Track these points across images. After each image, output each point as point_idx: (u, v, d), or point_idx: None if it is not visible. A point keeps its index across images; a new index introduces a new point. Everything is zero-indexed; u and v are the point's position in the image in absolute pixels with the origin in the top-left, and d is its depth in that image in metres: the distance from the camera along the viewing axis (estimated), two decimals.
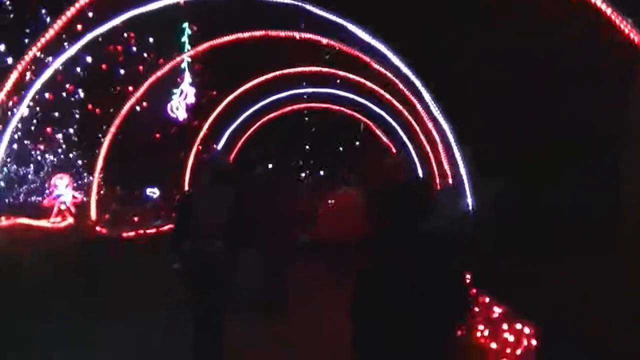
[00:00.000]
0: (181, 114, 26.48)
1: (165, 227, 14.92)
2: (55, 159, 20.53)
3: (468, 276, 6.50)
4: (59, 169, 19.92)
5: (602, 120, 10.72)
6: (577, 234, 8.65)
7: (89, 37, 13.62)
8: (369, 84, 19.45)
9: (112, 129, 15.63)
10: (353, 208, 13.57)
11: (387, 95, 19.13)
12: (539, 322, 6.48)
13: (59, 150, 20.59)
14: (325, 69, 21.32)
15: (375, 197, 12.78)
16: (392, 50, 13.94)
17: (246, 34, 15.87)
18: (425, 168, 20.08)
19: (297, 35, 15.60)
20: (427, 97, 14.73)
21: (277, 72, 20.76)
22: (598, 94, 11.50)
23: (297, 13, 14.34)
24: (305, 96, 26.63)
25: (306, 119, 36.58)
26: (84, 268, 11.65)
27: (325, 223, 14.01)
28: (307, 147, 39.32)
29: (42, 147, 20.43)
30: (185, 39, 26.50)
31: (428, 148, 18.87)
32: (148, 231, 15.06)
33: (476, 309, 6.99)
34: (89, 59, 20.15)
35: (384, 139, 25.46)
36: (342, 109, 25.69)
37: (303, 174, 37.22)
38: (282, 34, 15.79)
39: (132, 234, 14.84)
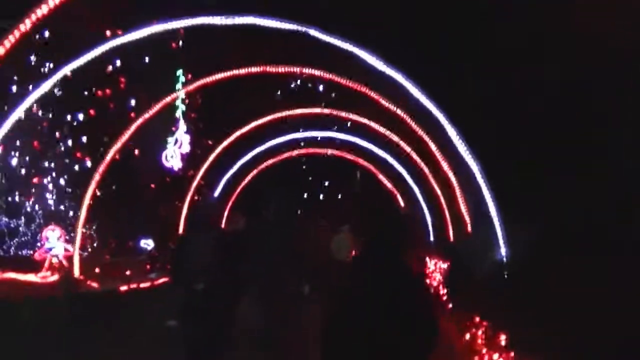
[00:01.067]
0: (176, 163, 25.89)
1: (160, 281, 14.26)
2: (46, 211, 19.89)
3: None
4: (50, 221, 19.29)
5: None
6: None
7: (64, 70, 12.88)
8: (374, 125, 18.72)
9: (97, 177, 14.87)
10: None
11: (393, 137, 18.43)
12: None
13: (50, 202, 19.96)
14: (325, 110, 20.61)
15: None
16: (411, 80, 13.09)
17: (243, 71, 15.12)
18: (435, 215, 19.39)
19: (297, 70, 14.86)
20: (451, 133, 13.62)
21: (274, 116, 20.04)
22: None
23: (298, 44, 13.66)
24: (302, 143, 26.17)
25: (304, 167, 36.10)
26: (72, 322, 10.96)
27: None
28: (305, 195, 38.72)
29: (32, 198, 19.83)
30: (179, 86, 26.12)
31: (439, 192, 18.18)
32: (141, 285, 14.40)
33: None
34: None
35: (388, 184, 24.89)
36: (342, 154, 25.15)
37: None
38: (282, 69, 15.07)
39: (124, 288, 14.16)
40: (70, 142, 20.04)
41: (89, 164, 19.74)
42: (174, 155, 25.98)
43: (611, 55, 12.98)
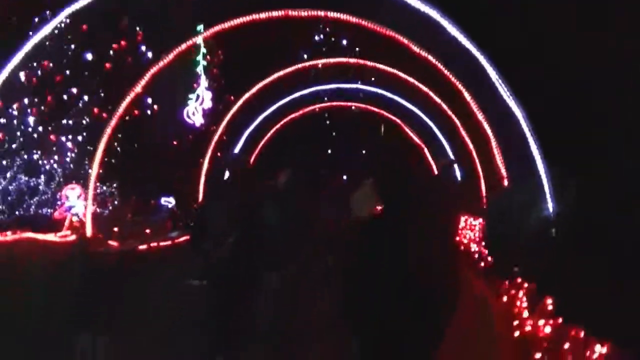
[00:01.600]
0: (198, 120, 25.46)
1: (182, 239, 13.82)
2: (65, 169, 19.50)
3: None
4: (70, 180, 18.92)
5: None
6: None
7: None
8: (402, 75, 17.80)
9: (108, 131, 14.30)
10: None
11: (422, 87, 17.55)
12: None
13: (69, 160, 19.55)
14: (350, 60, 19.69)
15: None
16: (447, 17, 12.03)
17: (263, 15, 14.16)
18: (466, 168, 18.52)
19: (321, 14, 13.98)
20: (492, 75, 12.40)
21: (296, 66, 19.23)
22: None
23: None
24: (325, 97, 25.51)
25: (327, 121, 35.44)
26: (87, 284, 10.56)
27: None
28: (330, 151, 38.10)
29: (53, 157, 19.43)
30: (200, 40, 25.55)
31: (471, 146, 17.32)
32: (162, 243, 13.98)
33: None
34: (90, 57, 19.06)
35: (415, 138, 24.02)
36: (367, 107, 24.35)
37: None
38: (304, 13, 14.12)
39: (144, 247, 13.76)
40: (86, 98, 19.50)
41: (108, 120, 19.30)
42: (195, 112, 25.62)
43: None
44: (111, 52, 20.19)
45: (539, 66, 15.38)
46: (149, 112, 22.79)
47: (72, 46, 18.92)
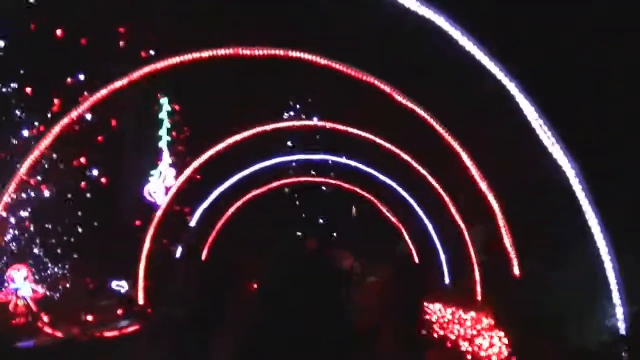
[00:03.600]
0: (160, 198, 24.08)
1: (131, 329, 12.30)
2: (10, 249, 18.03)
3: None
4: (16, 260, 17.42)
5: None
6: None
7: None
8: (381, 142, 15.84)
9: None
10: None
11: (402, 155, 15.60)
12: None
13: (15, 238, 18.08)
14: (319, 124, 17.68)
15: None
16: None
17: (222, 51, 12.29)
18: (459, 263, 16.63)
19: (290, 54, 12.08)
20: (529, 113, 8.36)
21: (257, 130, 17.23)
22: None
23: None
24: (291, 170, 24.30)
25: (297, 202, 34.20)
26: None
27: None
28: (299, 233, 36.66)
29: None
30: (164, 115, 24.52)
31: (462, 225, 15.56)
32: (107, 334, 12.40)
33: None
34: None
35: (392, 219, 22.37)
36: (338, 183, 22.84)
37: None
38: (259, 52, 12.00)
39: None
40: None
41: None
42: (157, 190, 24.32)
43: None
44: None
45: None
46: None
47: None
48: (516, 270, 10.90)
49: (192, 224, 21.02)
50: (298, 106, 30.33)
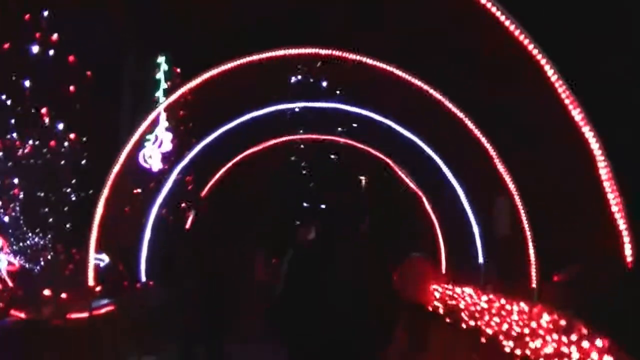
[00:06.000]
0: (155, 164, 22.52)
1: (104, 310, 10.72)
2: None
3: None
4: None
5: None
6: None
7: None
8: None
9: None
10: None
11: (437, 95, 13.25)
12: None
13: None
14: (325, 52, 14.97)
15: None
16: None
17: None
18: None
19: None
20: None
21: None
22: None
23: None
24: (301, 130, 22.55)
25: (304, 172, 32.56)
26: None
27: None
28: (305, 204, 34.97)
29: None
30: (161, 75, 22.83)
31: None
32: (74, 315, 10.79)
33: None
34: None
35: (411, 184, 20.27)
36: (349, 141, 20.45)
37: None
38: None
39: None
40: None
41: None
42: (152, 155, 22.75)
43: None
44: None
45: None
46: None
47: None
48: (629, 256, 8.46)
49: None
50: None
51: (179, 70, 23.47)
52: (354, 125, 21.50)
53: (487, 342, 10.88)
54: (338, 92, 25.56)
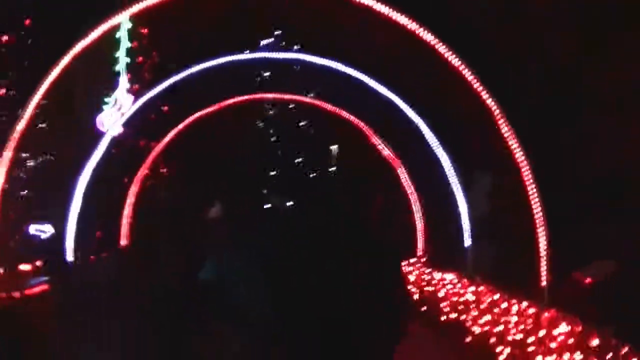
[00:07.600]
0: (114, 128, 21.23)
1: (38, 289, 9.61)
2: None
3: None
4: None
5: None
6: None
7: None
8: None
9: None
10: None
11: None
12: None
13: None
14: None
15: None
16: None
17: None
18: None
19: None
20: None
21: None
22: None
23: None
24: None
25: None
26: None
27: None
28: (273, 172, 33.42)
29: None
30: (124, 33, 21.48)
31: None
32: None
33: None
34: None
35: (386, 150, 16.69)
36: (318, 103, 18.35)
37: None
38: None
39: None
40: None
41: None
42: (111, 119, 21.50)
43: None
44: None
45: None
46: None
47: None
48: None
49: None
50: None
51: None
52: (324, 85, 19.78)
53: (472, 342, 9.45)
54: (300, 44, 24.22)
